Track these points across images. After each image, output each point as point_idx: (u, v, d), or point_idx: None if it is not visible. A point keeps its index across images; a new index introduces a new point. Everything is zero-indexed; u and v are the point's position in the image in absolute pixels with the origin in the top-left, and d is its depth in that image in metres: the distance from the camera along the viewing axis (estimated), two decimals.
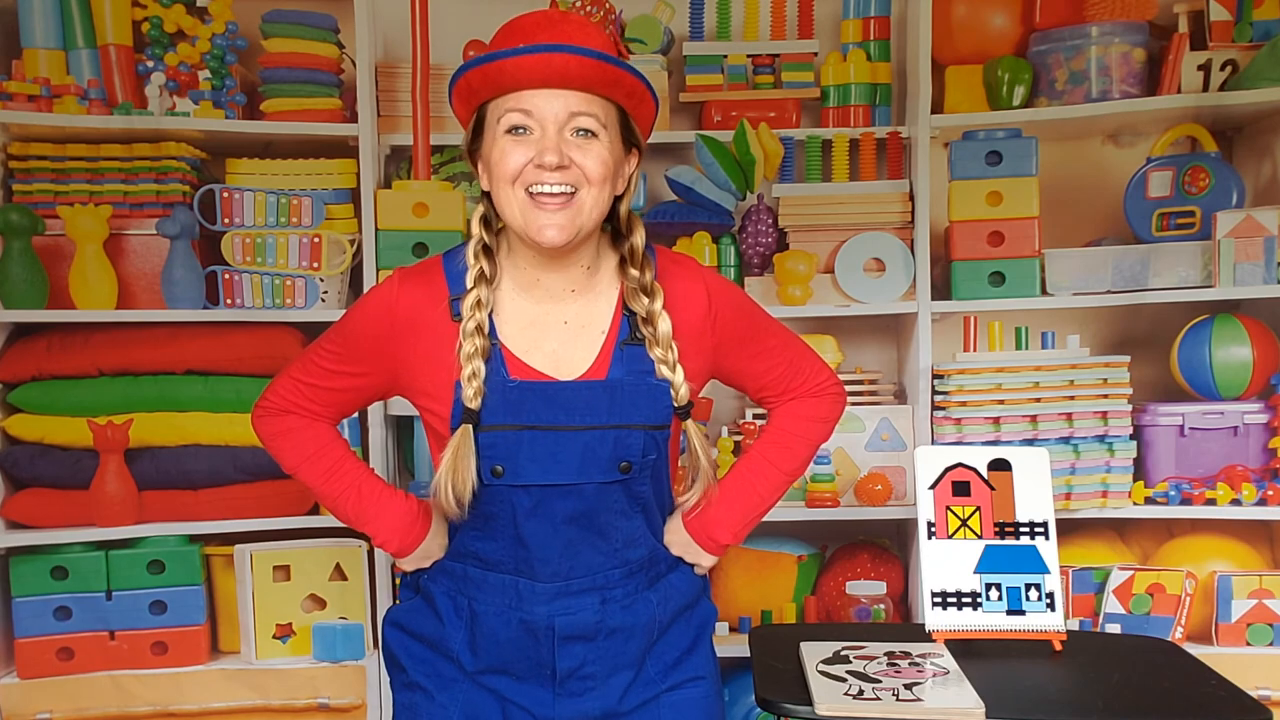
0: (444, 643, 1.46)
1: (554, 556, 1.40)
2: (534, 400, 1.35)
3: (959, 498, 1.80)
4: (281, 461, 1.51)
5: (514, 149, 1.30)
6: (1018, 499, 1.80)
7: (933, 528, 1.79)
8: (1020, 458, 1.82)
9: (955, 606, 1.76)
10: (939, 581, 1.77)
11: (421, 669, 1.48)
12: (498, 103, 1.31)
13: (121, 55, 2.46)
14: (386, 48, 2.59)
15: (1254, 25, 2.43)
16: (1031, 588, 1.76)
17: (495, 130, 1.32)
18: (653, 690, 1.47)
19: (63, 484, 2.41)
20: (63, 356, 2.41)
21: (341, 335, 1.45)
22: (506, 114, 1.30)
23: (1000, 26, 2.56)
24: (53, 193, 2.43)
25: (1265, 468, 2.42)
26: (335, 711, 2.49)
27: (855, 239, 2.52)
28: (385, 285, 1.41)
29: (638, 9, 2.58)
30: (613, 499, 1.39)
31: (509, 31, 1.33)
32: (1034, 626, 1.75)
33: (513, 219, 1.33)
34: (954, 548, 1.78)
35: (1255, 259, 2.35)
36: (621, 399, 1.36)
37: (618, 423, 1.36)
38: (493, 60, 1.27)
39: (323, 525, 2.52)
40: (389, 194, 2.48)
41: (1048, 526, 1.79)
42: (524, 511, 1.37)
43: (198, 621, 2.47)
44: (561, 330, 1.39)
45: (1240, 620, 2.39)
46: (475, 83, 1.31)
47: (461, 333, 1.34)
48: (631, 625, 1.44)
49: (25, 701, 2.40)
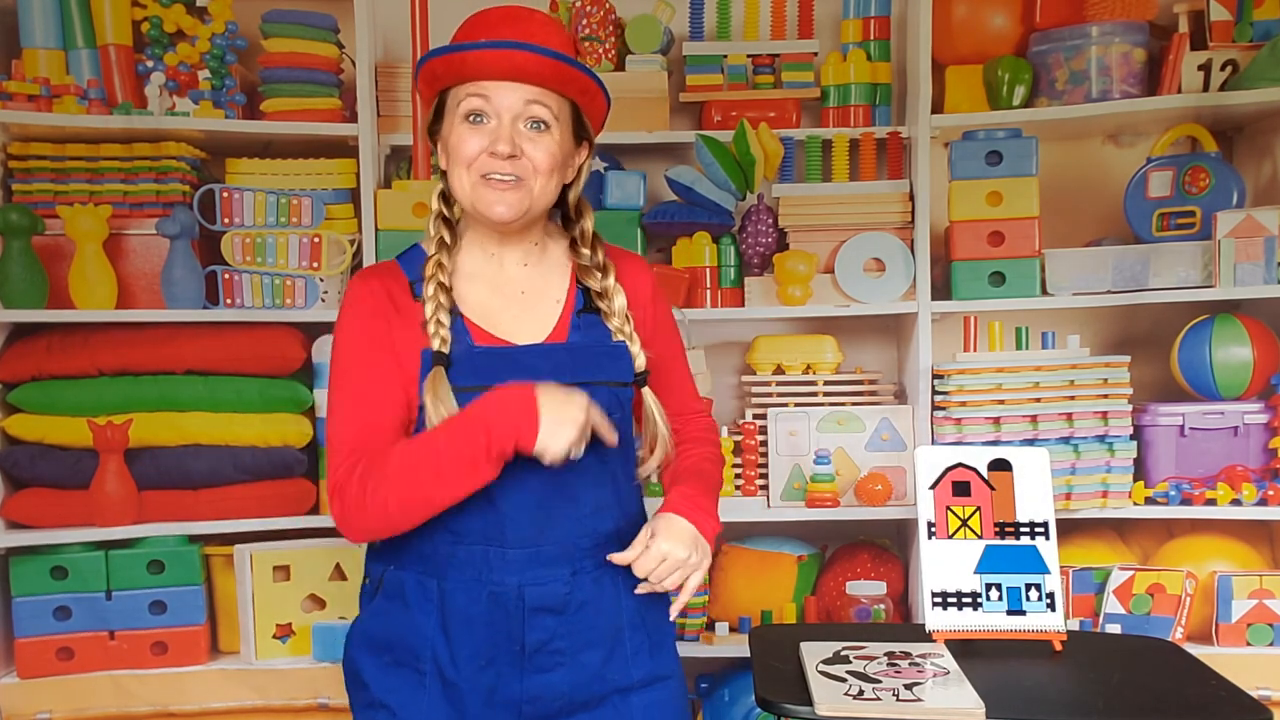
0: (413, 637, 1.43)
1: (525, 519, 1.42)
2: (499, 363, 1.41)
3: (959, 498, 1.80)
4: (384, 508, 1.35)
5: (471, 135, 1.40)
6: (1018, 499, 1.80)
7: (933, 528, 1.79)
8: (1020, 458, 1.82)
9: (955, 606, 1.76)
10: (939, 582, 1.77)
11: (386, 683, 1.45)
12: (458, 89, 1.40)
13: (121, 55, 2.46)
14: (386, 48, 2.59)
15: (1254, 25, 2.43)
16: (1032, 588, 1.76)
17: (454, 115, 1.41)
18: (626, 677, 1.47)
19: (63, 484, 2.41)
20: (63, 356, 2.41)
21: (350, 354, 1.42)
22: (466, 99, 1.39)
23: (1000, 26, 2.56)
24: (52, 192, 2.43)
25: (1265, 468, 2.42)
26: (335, 711, 2.49)
27: (855, 239, 2.52)
28: (350, 289, 1.46)
29: (638, 9, 2.58)
30: (583, 461, 1.39)
31: (475, 23, 1.41)
32: (1034, 627, 1.74)
33: (464, 197, 1.43)
34: (954, 548, 1.78)
35: (1255, 259, 2.35)
36: (583, 359, 1.45)
37: (582, 380, 1.42)
38: (456, 51, 1.37)
39: (323, 525, 2.52)
40: (389, 194, 2.48)
41: (1048, 526, 1.79)
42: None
43: (198, 621, 2.47)
44: (519, 300, 1.47)
45: (1240, 620, 2.39)
46: (439, 69, 1.40)
47: (424, 287, 1.42)
48: (599, 600, 1.46)
49: (25, 701, 2.40)
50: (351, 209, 2.53)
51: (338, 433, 1.40)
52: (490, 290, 1.47)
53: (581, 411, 1.33)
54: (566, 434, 1.32)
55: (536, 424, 1.31)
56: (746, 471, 2.54)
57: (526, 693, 1.44)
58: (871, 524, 2.60)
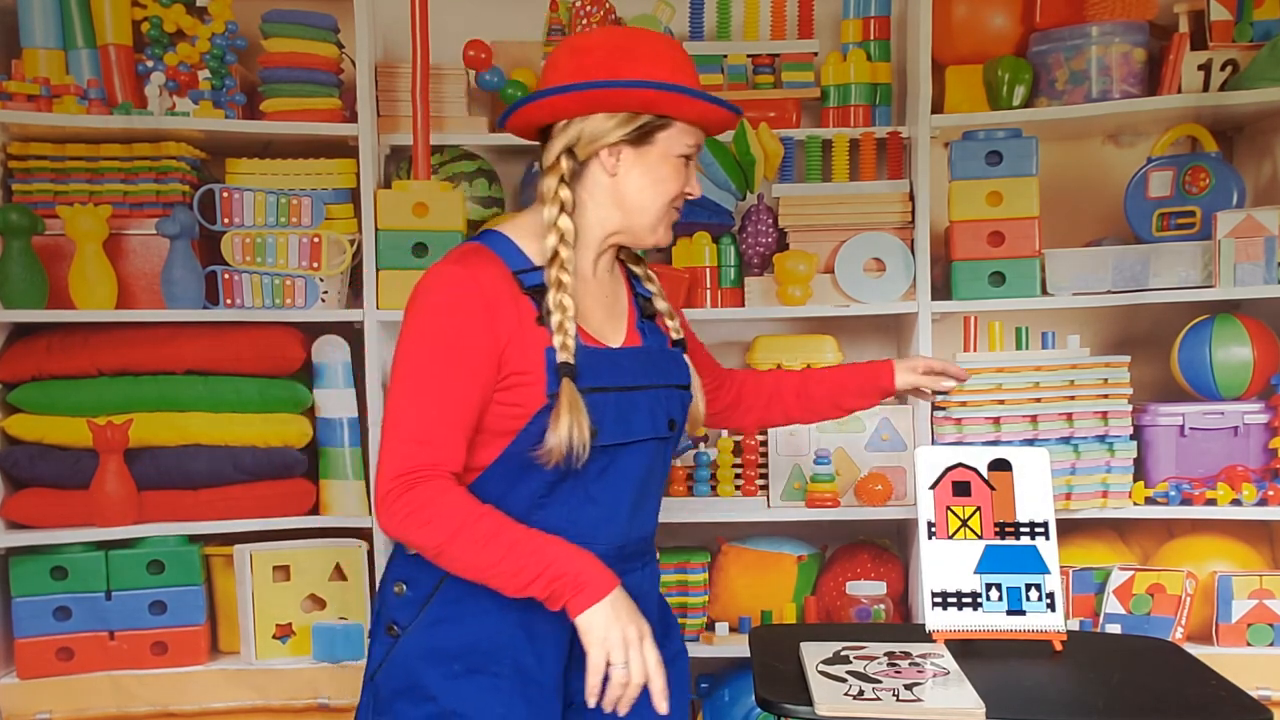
0: (489, 640, 1.42)
1: (620, 519, 1.48)
2: (604, 364, 1.45)
3: (959, 498, 1.79)
4: (429, 538, 1.33)
5: (682, 172, 1.50)
6: (1018, 499, 1.79)
7: (933, 528, 1.79)
8: (1020, 458, 1.81)
9: (955, 607, 1.75)
10: (939, 582, 1.76)
11: (458, 692, 1.42)
12: (685, 128, 1.47)
13: (121, 55, 2.47)
14: (386, 48, 2.59)
15: (1254, 25, 2.43)
16: (1032, 588, 1.76)
17: (669, 147, 1.47)
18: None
19: (62, 484, 2.41)
20: (63, 356, 2.41)
21: (444, 349, 1.37)
22: (687, 141, 1.48)
23: (1000, 26, 2.56)
24: (52, 192, 2.43)
25: (1265, 468, 2.42)
26: (335, 711, 2.49)
27: (855, 239, 2.52)
28: (448, 278, 1.39)
29: (638, 9, 2.58)
30: (664, 458, 1.53)
31: (682, 66, 1.46)
32: (1034, 627, 1.74)
33: (647, 218, 1.49)
34: (954, 548, 1.78)
35: (1255, 259, 2.35)
36: (658, 363, 1.53)
37: (663, 383, 1.52)
38: (712, 102, 1.45)
39: (323, 525, 2.52)
40: (389, 194, 2.48)
41: (1048, 527, 1.78)
42: (594, 472, 1.43)
43: (197, 621, 2.47)
44: (604, 303, 1.53)
45: (1240, 620, 2.39)
46: (671, 105, 1.43)
47: (552, 285, 1.41)
48: (649, 592, 1.55)
49: (25, 701, 2.40)
50: (351, 209, 2.53)
51: (405, 426, 1.36)
52: (584, 293, 1.48)
53: (637, 632, 1.32)
54: (615, 634, 1.30)
55: (596, 602, 1.31)
56: (746, 471, 2.54)
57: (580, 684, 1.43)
58: (871, 524, 2.60)
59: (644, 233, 1.50)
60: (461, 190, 2.54)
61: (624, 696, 1.32)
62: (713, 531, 2.60)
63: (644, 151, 1.45)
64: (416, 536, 1.34)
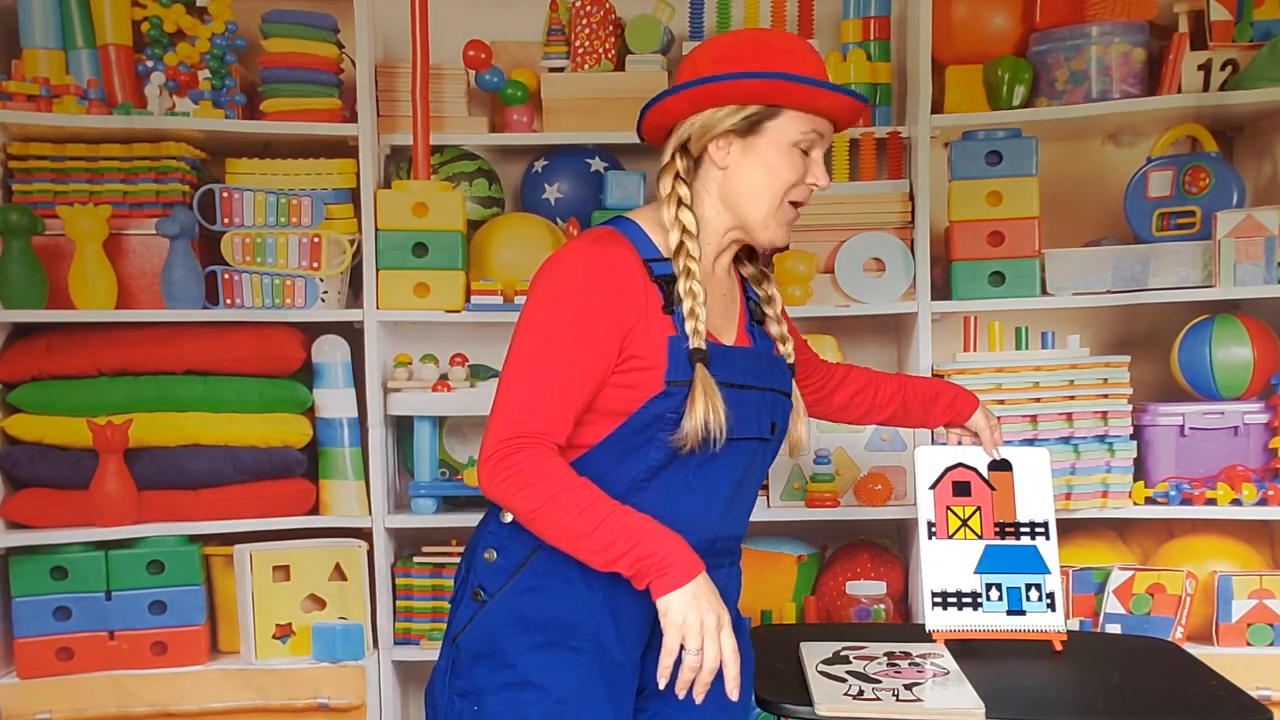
0: (573, 615, 1.43)
1: (714, 513, 1.48)
2: (720, 359, 1.45)
3: (959, 498, 1.79)
4: (526, 502, 1.34)
5: (799, 163, 1.47)
6: (1018, 499, 1.79)
7: (933, 528, 1.79)
8: (1021, 458, 1.81)
9: (955, 606, 1.75)
10: (939, 582, 1.76)
11: (537, 662, 1.43)
12: (800, 116, 1.45)
13: (121, 55, 2.46)
14: (386, 48, 2.59)
15: (1254, 25, 2.43)
16: (1032, 588, 1.76)
17: (783, 135, 1.45)
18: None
19: (62, 484, 2.41)
20: (62, 356, 2.41)
21: (569, 320, 1.38)
22: (808, 134, 1.46)
23: (1000, 26, 2.56)
24: (52, 193, 2.43)
25: (1266, 468, 2.42)
26: (335, 711, 2.49)
27: (855, 239, 2.52)
28: (585, 256, 1.41)
29: (638, 9, 2.58)
30: (763, 460, 1.54)
31: (805, 57, 1.45)
32: (1034, 627, 1.74)
33: (759, 211, 1.48)
34: (954, 548, 1.78)
35: (1255, 259, 2.35)
36: (766, 366, 1.54)
37: (770, 386, 1.52)
38: (826, 89, 1.42)
39: (323, 525, 2.52)
40: (389, 194, 2.48)
41: (1048, 526, 1.78)
42: (696, 464, 1.44)
43: (197, 621, 2.47)
44: (720, 303, 1.53)
45: (1241, 620, 2.39)
46: (776, 93, 1.42)
47: (681, 274, 1.43)
48: (731, 595, 1.55)
49: (25, 701, 2.40)
50: (351, 209, 2.53)
51: (518, 392, 1.37)
52: (706, 290, 1.48)
53: (716, 619, 1.31)
54: (693, 618, 1.30)
55: (680, 586, 1.31)
56: None
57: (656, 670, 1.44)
58: (871, 524, 2.60)
59: (757, 228, 1.49)
60: (461, 190, 2.54)
61: (696, 681, 1.31)
62: None
63: (752, 142, 1.46)
64: (514, 499, 1.35)
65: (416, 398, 2.51)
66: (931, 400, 1.84)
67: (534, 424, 1.36)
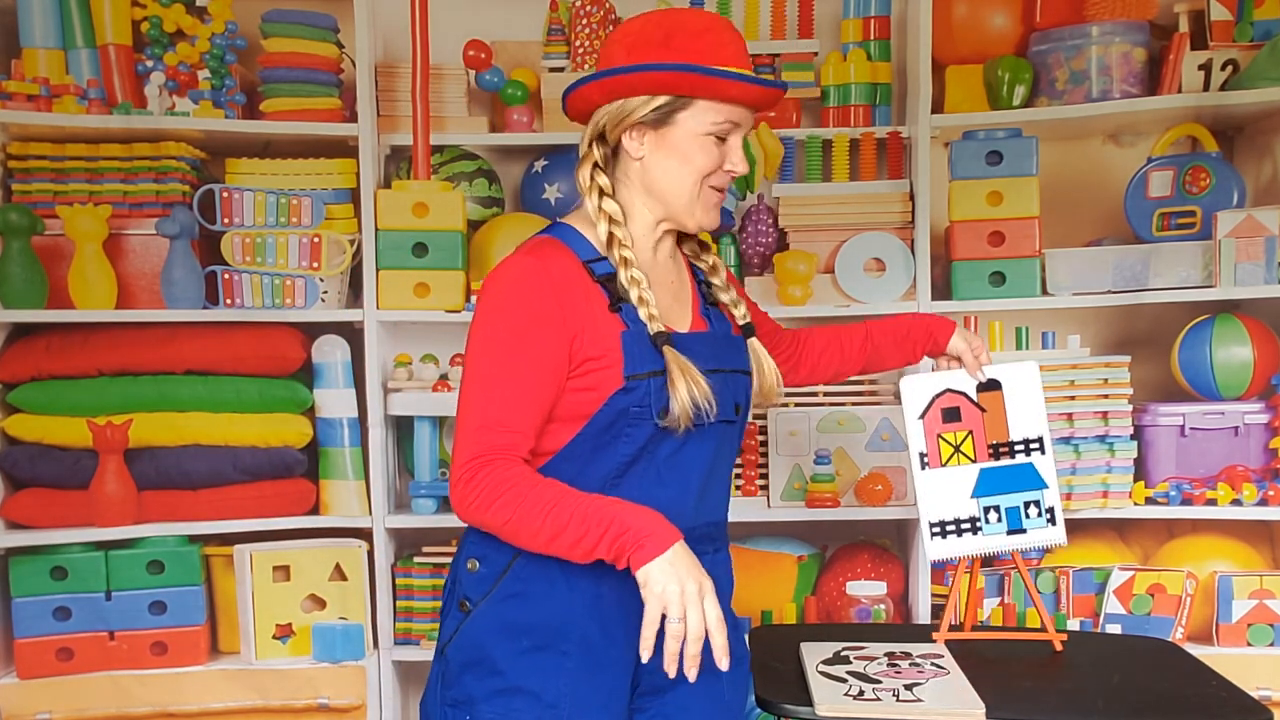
0: (559, 618, 1.43)
1: (689, 499, 1.48)
2: (679, 350, 1.43)
3: (949, 424, 1.74)
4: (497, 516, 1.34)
5: (715, 152, 1.45)
6: (1010, 417, 1.74)
7: (925, 458, 1.74)
8: (1009, 375, 1.75)
9: (955, 534, 1.72)
10: (936, 512, 1.73)
11: (525, 668, 1.43)
12: (713, 106, 1.43)
13: (121, 55, 2.46)
14: (386, 48, 2.59)
15: (1254, 25, 2.43)
16: (1031, 505, 1.73)
17: (696, 126, 1.43)
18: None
19: (62, 484, 2.41)
20: (62, 356, 2.41)
21: (515, 336, 1.38)
22: (721, 124, 1.44)
23: (1000, 26, 2.56)
24: (52, 192, 2.43)
25: (1266, 468, 2.42)
26: (335, 711, 2.48)
27: (855, 239, 2.52)
28: (520, 268, 1.40)
29: (638, 9, 2.57)
30: (731, 442, 1.54)
31: (723, 43, 1.42)
32: (1036, 543, 1.72)
33: (679, 200, 1.47)
34: (949, 475, 1.73)
35: (1256, 259, 2.35)
36: (724, 349, 1.53)
37: (730, 368, 1.52)
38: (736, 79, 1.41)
39: (323, 525, 2.52)
40: (389, 194, 2.48)
41: (1043, 441, 1.73)
42: (665, 455, 1.44)
43: (197, 622, 2.47)
44: (670, 289, 1.53)
45: (1241, 620, 2.39)
46: (684, 85, 1.40)
47: (619, 265, 1.43)
48: (724, 579, 1.54)
49: (25, 701, 2.40)
50: (351, 209, 2.53)
51: (475, 413, 1.37)
52: (650, 279, 1.48)
53: (697, 586, 1.28)
54: (673, 586, 1.26)
55: (657, 555, 1.28)
56: (747, 471, 2.54)
57: (651, 664, 1.44)
58: (871, 524, 2.60)
59: (682, 215, 1.48)
60: (461, 190, 2.54)
61: (685, 654, 1.27)
62: None
63: (665, 133, 1.44)
64: (485, 516, 1.35)
65: (416, 398, 2.51)
66: (903, 337, 1.79)
67: (495, 440, 1.36)
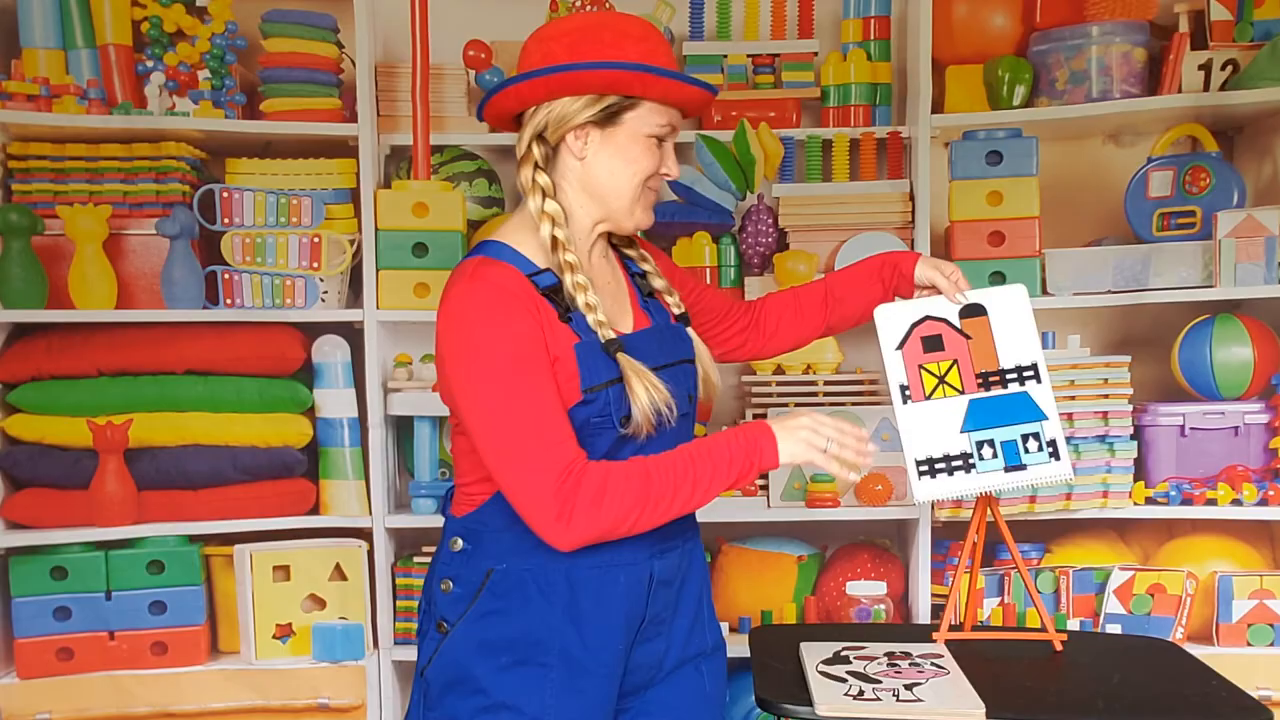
0: (538, 630, 1.42)
1: None
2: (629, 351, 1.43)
3: (931, 354, 1.61)
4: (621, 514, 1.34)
5: (655, 152, 1.46)
6: (999, 344, 1.60)
7: (906, 391, 1.60)
8: (995, 299, 1.62)
9: (946, 472, 1.58)
10: (923, 448, 1.59)
11: (508, 683, 1.42)
12: (657, 108, 1.44)
13: (121, 55, 2.46)
14: (386, 48, 2.59)
15: (1254, 25, 2.43)
16: (1029, 438, 1.59)
17: (641, 127, 1.44)
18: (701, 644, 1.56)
19: (62, 484, 2.41)
20: (62, 356, 2.41)
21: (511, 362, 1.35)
22: (663, 126, 1.45)
23: (1000, 26, 2.56)
24: (52, 193, 2.43)
25: (1266, 468, 2.42)
26: (335, 711, 2.49)
27: (855, 239, 2.52)
28: (477, 294, 1.37)
29: (637, 9, 2.57)
30: (688, 433, 1.52)
31: (655, 43, 1.43)
32: (1040, 479, 1.59)
33: (621, 201, 1.46)
34: (934, 409, 1.59)
35: (1256, 259, 2.35)
36: (669, 341, 1.53)
37: (678, 359, 1.52)
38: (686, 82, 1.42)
39: (323, 525, 2.52)
40: (389, 194, 2.48)
41: (1037, 368, 1.60)
42: (628, 454, 1.43)
43: (197, 622, 2.47)
44: (607, 290, 1.52)
45: (1241, 620, 2.39)
46: (636, 85, 1.41)
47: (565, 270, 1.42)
48: (691, 570, 1.55)
49: (25, 701, 2.40)
50: (351, 209, 2.53)
51: (526, 444, 1.33)
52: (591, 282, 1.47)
53: (808, 423, 1.40)
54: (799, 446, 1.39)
55: (774, 445, 1.39)
56: None
57: (631, 663, 1.46)
58: (871, 524, 2.60)
59: (622, 216, 1.47)
60: (461, 190, 2.54)
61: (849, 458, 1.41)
62: (713, 531, 2.60)
63: (611, 133, 1.43)
64: (607, 521, 1.34)
65: (416, 398, 2.51)
66: (866, 279, 1.70)
67: (563, 454, 1.34)
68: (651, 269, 1.59)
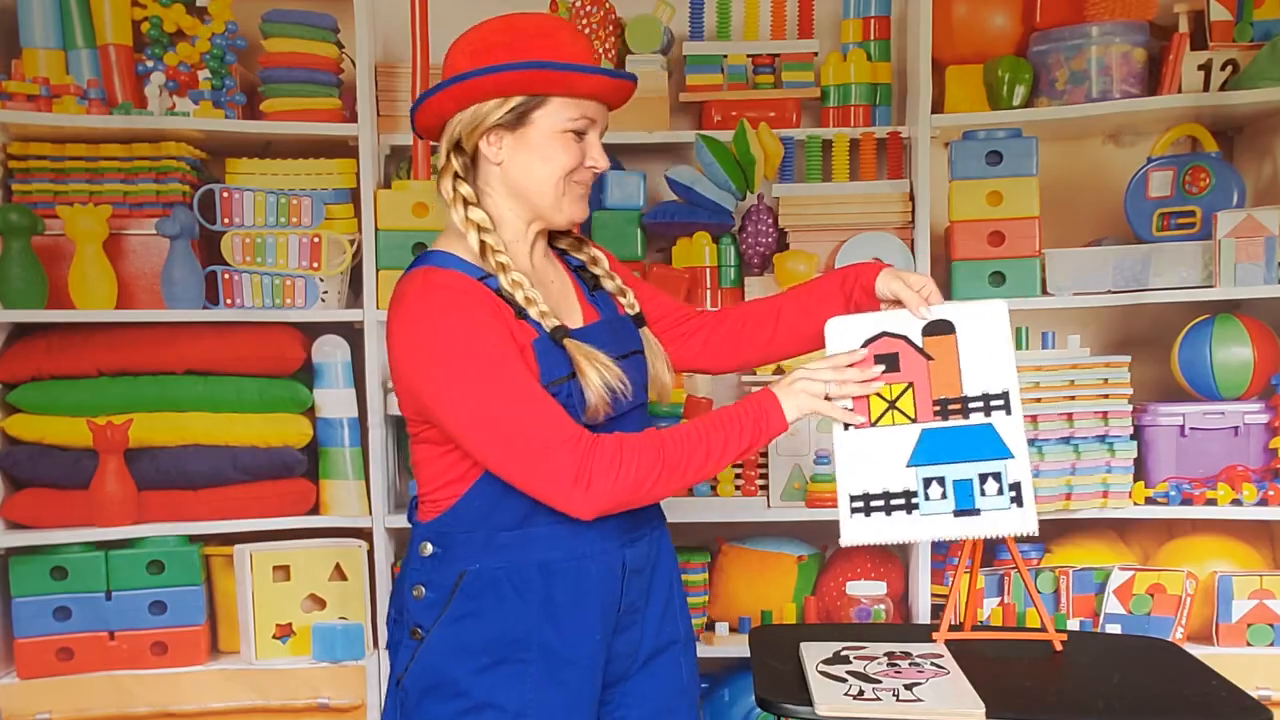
0: (515, 628, 1.42)
1: None
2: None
3: (885, 375, 1.45)
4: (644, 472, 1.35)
5: (574, 147, 1.45)
6: (965, 367, 1.42)
7: None
8: (966, 314, 1.43)
9: (883, 511, 1.41)
10: (859, 482, 1.41)
11: (489, 684, 1.42)
12: (564, 102, 1.43)
13: (121, 55, 2.46)
14: (386, 48, 2.59)
15: (1254, 25, 2.43)
16: (989, 478, 1.40)
17: (552, 124, 1.43)
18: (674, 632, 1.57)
19: (62, 484, 2.41)
20: (62, 356, 2.41)
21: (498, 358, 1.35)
22: (574, 116, 1.43)
23: (1000, 26, 2.56)
24: (52, 193, 2.43)
25: (1266, 468, 2.42)
26: (335, 711, 2.49)
27: (855, 239, 2.52)
28: (435, 297, 1.37)
29: (638, 9, 2.58)
30: (646, 422, 1.53)
31: (559, 37, 1.42)
32: (994, 529, 1.40)
33: (545, 198, 1.46)
34: (880, 437, 1.42)
35: (1256, 259, 2.35)
36: (621, 331, 1.54)
37: (633, 350, 1.53)
38: (590, 73, 1.41)
39: (323, 525, 2.52)
40: (389, 194, 2.48)
41: (1008, 398, 1.40)
42: None
43: (197, 622, 2.47)
44: (549, 288, 1.52)
45: (1241, 620, 2.39)
46: (538, 83, 1.40)
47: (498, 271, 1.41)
48: (660, 562, 1.57)
49: (25, 701, 2.40)
50: (351, 209, 2.53)
51: (529, 427, 1.33)
52: (534, 281, 1.47)
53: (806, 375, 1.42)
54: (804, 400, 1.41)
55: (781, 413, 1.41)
56: (746, 471, 2.54)
57: (610, 653, 1.47)
58: None
59: (550, 212, 1.47)
60: None
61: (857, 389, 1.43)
62: (712, 531, 2.60)
63: (523, 134, 1.43)
64: (625, 484, 1.35)
65: None
66: (827, 292, 1.59)
67: (567, 426, 1.35)
68: (603, 271, 1.59)
